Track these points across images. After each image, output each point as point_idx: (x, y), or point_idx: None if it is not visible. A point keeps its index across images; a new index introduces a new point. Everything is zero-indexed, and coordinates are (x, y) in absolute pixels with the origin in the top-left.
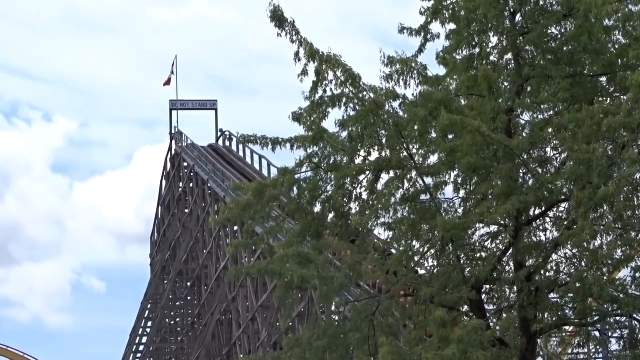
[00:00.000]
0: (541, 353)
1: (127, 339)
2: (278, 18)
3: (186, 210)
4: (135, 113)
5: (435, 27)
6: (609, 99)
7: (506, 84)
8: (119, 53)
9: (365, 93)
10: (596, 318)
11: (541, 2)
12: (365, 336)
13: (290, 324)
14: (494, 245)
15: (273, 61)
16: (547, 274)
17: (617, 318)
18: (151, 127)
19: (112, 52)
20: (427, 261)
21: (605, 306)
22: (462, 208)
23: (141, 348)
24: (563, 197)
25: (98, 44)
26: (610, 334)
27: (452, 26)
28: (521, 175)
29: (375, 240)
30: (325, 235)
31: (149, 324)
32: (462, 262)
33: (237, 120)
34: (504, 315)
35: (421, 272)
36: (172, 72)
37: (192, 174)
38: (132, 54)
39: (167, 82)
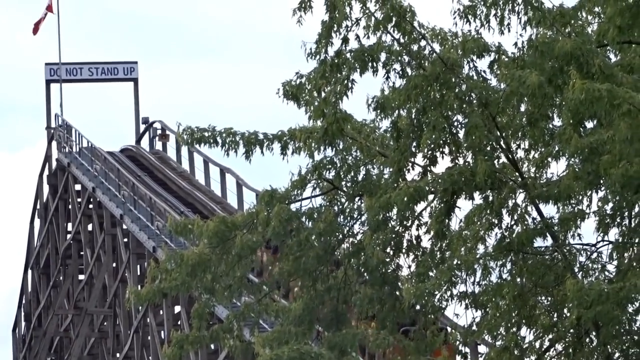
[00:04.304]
0: None
1: None
2: None
3: (81, 277)
4: None
5: None
6: None
7: None
8: None
9: (423, 43)
10: None
11: None
12: None
13: None
14: None
15: None
16: None
17: None
18: (5, 114)
19: None
20: None
21: None
22: (616, 261)
23: None
24: None
25: None
26: None
27: None
28: None
29: (450, 329)
30: (351, 318)
31: None
32: None
33: (174, 100)
34: None
35: None
36: (49, 12)
37: (90, 206)
38: None
39: (37, 27)
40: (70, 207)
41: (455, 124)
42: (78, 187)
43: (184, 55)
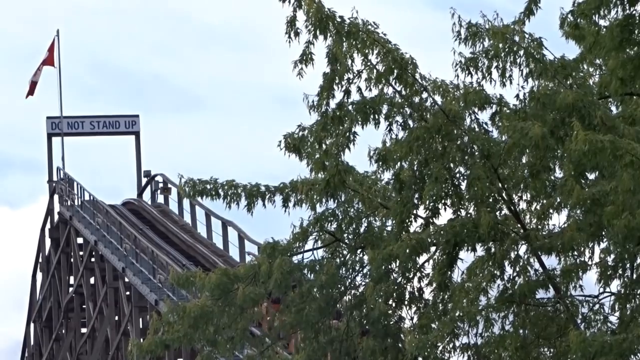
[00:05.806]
0: None
1: None
2: None
3: (83, 330)
4: None
5: None
6: None
7: None
8: None
9: (425, 95)
10: None
11: None
12: None
13: None
14: None
15: (237, 42)
16: None
17: None
18: (5, 169)
19: None
20: None
21: None
22: (618, 312)
23: None
24: None
25: None
26: None
27: None
28: None
29: None
30: None
31: None
32: None
33: (175, 153)
34: None
35: None
36: (46, 64)
37: (92, 260)
38: None
39: (31, 89)
40: (72, 260)
41: (458, 175)
42: (80, 240)
43: (185, 108)
